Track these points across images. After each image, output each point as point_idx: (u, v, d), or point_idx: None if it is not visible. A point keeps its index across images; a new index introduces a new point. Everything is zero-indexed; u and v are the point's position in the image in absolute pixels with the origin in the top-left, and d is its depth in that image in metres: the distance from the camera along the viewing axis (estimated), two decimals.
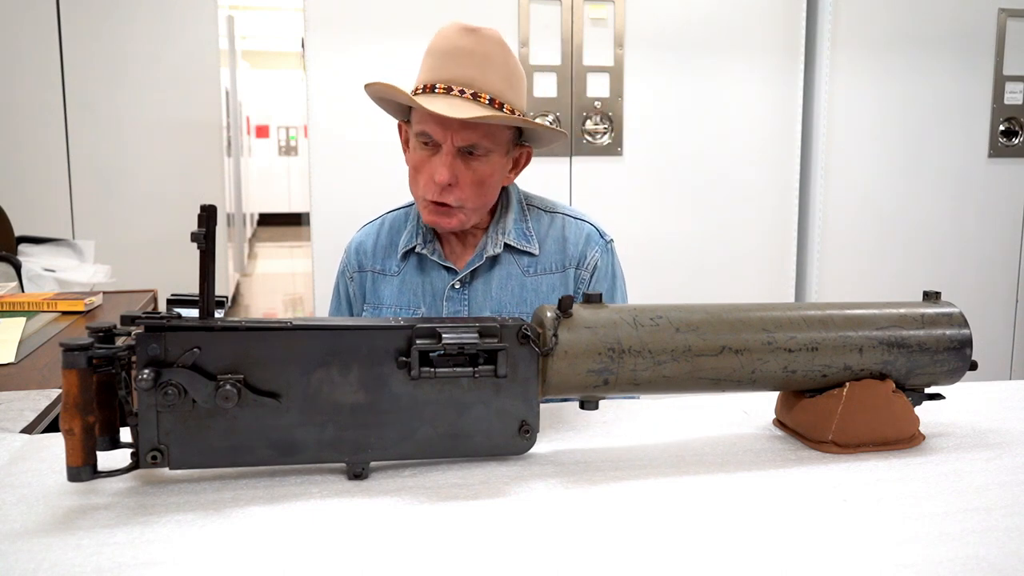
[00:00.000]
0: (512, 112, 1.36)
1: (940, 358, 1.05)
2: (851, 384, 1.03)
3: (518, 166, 1.49)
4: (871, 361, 1.03)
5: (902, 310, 1.06)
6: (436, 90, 1.35)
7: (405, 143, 1.47)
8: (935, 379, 1.07)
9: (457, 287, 1.45)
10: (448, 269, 1.47)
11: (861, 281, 3.44)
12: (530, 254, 1.47)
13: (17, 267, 2.94)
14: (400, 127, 1.48)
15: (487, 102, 1.33)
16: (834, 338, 1.01)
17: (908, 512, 0.85)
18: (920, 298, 1.12)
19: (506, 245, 1.46)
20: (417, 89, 1.38)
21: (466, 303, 1.45)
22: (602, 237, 1.52)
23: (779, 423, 1.12)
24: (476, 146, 1.35)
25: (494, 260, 1.47)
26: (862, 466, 0.98)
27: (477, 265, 1.45)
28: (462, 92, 1.33)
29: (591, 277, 1.48)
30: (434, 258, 1.47)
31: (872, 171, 3.40)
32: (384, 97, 1.42)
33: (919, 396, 1.07)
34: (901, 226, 3.45)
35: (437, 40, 1.38)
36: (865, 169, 3.39)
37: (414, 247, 1.48)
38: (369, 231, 1.56)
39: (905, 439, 1.05)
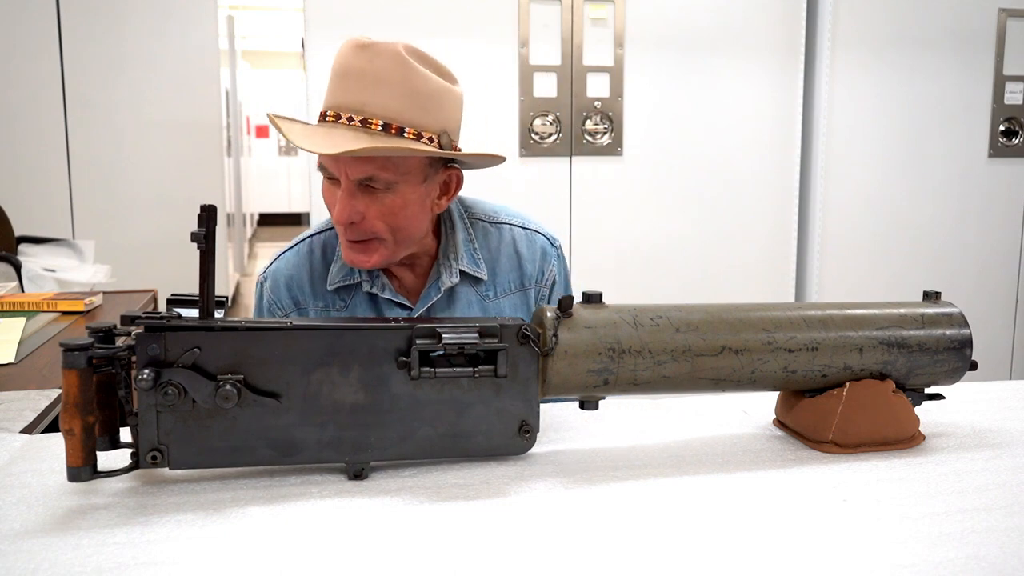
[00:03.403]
0: (417, 135, 1.19)
1: (940, 358, 1.05)
2: (851, 384, 1.03)
3: (449, 191, 1.32)
4: (871, 361, 1.03)
5: (902, 310, 1.06)
6: (327, 118, 1.21)
7: None
8: (935, 379, 1.07)
9: None
10: (402, 306, 1.33)
11: (861, 281, 3.44)
12: (482, 279, 1.36)
13: (17, 267, 2.94)
14: None
15: (379, 128, 1.17)
16: (834, 338, 1.01)
17: (908, 512, 0.85)
18: (920, 298, 1.12)
19: (461, 273, 1.34)
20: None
21: None
22: (554, 246, 1.43)
23: (779, 423, 1.12)
24: (374, 179, 1.19)
25: (451, 291, 1.35)
26: (862, 466, 0.98)
27: (435, 299, 1.33)
28: (350, 120, 1.18)
29: (550, 292, 1.41)
30: (386, 295, 1.32)
31: (872, 171, 3.40)
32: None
33: (919, 396, 1.07)
34: (901, 226, 3.45)
35: (335, 60, 1.23)
36: (865, 169, 3.39)
37: (359, 283, 1.33)
38: (296, 262, 1.37)
39: (905, 439, 1.05)
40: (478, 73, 3.03)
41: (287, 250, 1.39)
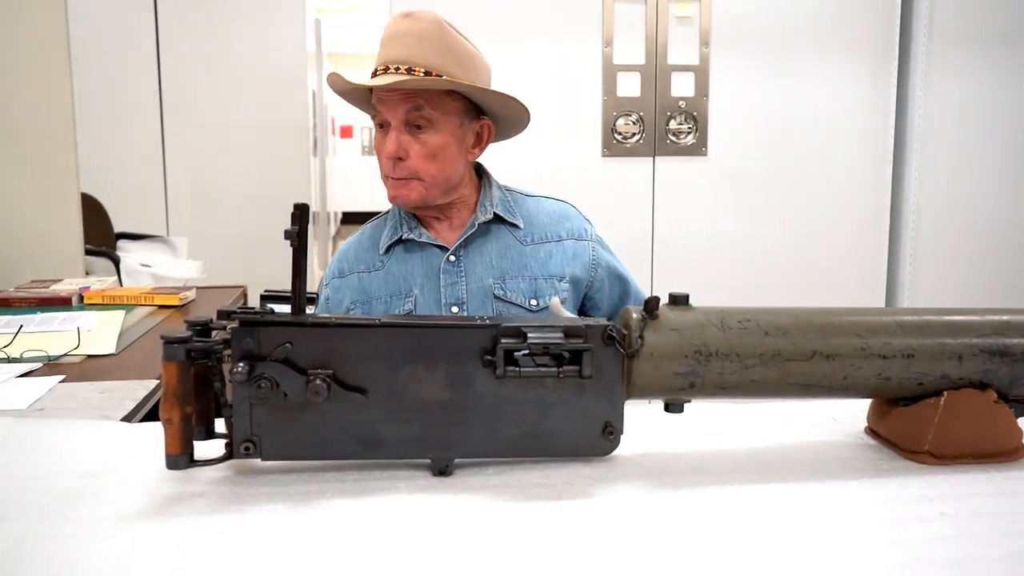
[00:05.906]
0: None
1: None
2: (949, 393, 0.99)
3: (481, 141, 1.49)
4: (971, 370, 0.99)
5: (1005, 317, 1.02)
6: (377, 73, 1.41)
7: None
8: None
9: (452, 260, 1.46)
10: (439, 247, 1.48)
11: (956, 288, 3.31)
12: (519, 227, 1.50)
13: (116, 262, 3.06)
14: None
15: (422, 75, 1.36)
16: (931, 345, 0.98)
17: (1009, 527, 0.82)
18: (1023, 305, 1.07)
19: (495, 216, 1.48)
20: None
21: (463, 275, 1.46)
22: (585, 218, 1.58)
23: (871, 431, 1.09)
24: (419, 113, 1.38)
25: (487, 230, 1.48)
26: (960, 478, 0.95)
27: (470, 233, 1.47)
28: (396, 69, 1.37)
29: (595, 254, 1.53)
30: (423, 240, 1.48)
31: (969, 172, 3.27)
32: (343, 89, 1.47)
33: (1022, 407, 1.03)
34: (1000, 230, 3.31)
35: (383, 32, 1.44)
36: (962, 170, 3.26)
37: (400, 236, 1.49)
38: (351, 241, 1.59)
39: (1007, 452, 1.00)
40: (561, 73, 3.03)
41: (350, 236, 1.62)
